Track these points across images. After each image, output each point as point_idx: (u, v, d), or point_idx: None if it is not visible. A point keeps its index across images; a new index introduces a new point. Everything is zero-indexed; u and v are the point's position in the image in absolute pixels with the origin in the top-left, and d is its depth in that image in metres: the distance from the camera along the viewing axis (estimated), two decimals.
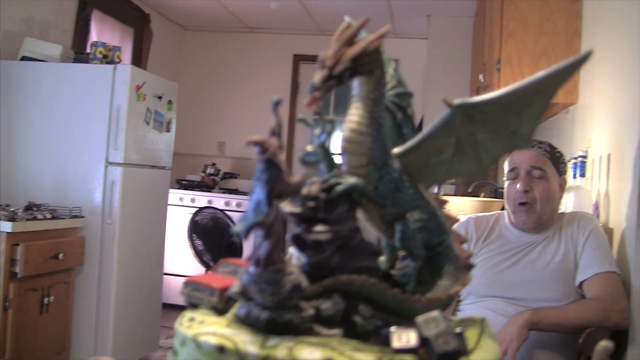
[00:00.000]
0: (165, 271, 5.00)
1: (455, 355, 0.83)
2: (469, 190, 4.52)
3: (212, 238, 5.34)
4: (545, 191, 2.37)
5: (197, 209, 5.65)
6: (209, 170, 6.18)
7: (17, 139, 4.28)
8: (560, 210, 2.53)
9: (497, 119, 0.94)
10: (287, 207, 0.93)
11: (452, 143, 0.96)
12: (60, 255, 3.98)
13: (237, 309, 0.91)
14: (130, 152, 4.24)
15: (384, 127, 0.98)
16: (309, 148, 1.04)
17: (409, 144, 0.98)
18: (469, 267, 1.02)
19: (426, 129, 0.95)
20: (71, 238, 4.15)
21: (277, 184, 0.82)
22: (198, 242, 5.39)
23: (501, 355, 1.81)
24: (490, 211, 3.19)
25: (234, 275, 1.00)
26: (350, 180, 0.96)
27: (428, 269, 1.02)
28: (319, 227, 0.93)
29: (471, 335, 0.94)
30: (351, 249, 0.95)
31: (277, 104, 0.87)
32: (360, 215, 1.00)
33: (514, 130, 0.95)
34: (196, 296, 0.96)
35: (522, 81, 0.89)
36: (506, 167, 2.47)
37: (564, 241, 2.36)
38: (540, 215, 2.38)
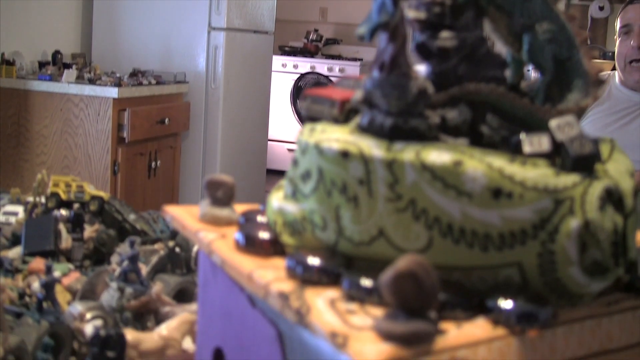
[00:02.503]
0: (270, 137, 5.06)
1: (591, 159, 0.79)
2: None
3: None
4: None
5: (299, 74, 5.64)
6: (312, 36, 6.14)
7: (121, 7, 4.31)
8: None
9: None
10: (411, 13, 0.89)
11: None
12: (166, 120, 4.07)
13: (359, 118, 0.89)
14: (233, 17, 4.22)
15: None
16: None
17: None
18: (600, 82, 0.97)
19: None
20: (176, 103, 4.22)
21: None
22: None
23: None
24: None
25: (355, 89, 0.97)
26: None
27: (557, 84, 0.97)
28: (445, 34, 0.88)
29: (602, 149, 0.89)
30: (478, 58, 0.90)
31: None
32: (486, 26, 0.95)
33: None
34: (316, 109, 0.95)
35: None
36: (618, 23, 2.33)
37: None
38: None
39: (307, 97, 0.96)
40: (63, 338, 1.22)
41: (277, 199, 0.90)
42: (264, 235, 0.87)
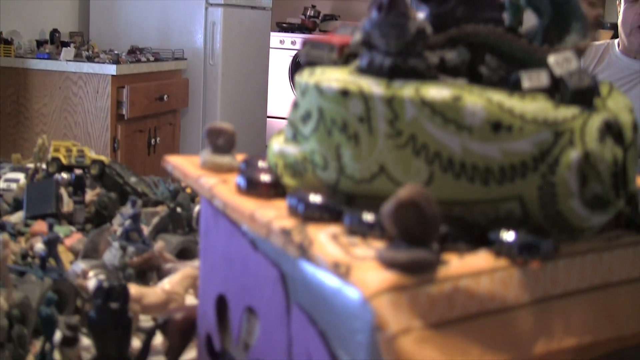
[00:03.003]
0: (268, 114, 5.06)
1: (590, 93, 0.79)
2: None
3: None
4: None
5: (297, 51, 5.64)
6: (309, 12, 6.12)
7: None
8: None
9: None
10: None
11: None
12: (165, 97, 4.07)
13: (359, 61, 0.89)
14: None
15: None
16: None
17: None
18: (598, 25, 0.96)
19: None
20: (175, 80, 4.22)
21: None
22: None
23: None
24: None
25: (354, 35, 0.97)
26: None
27: (554, 27, 0.97)
28: None
29: (602, 89, 0.89)
30: (476, 0, 0.90)
31: None
32: None
33: None
34: (315, 54, 0.95)
35: None
36: None
37: None
38: None
39: (306, 43, 0.96)
40: (66, 295, 1.22)
41: (278, 143, 0.90)
42: (265, 177, 0.88)
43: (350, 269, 0.68)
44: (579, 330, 0.77)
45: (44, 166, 1.81)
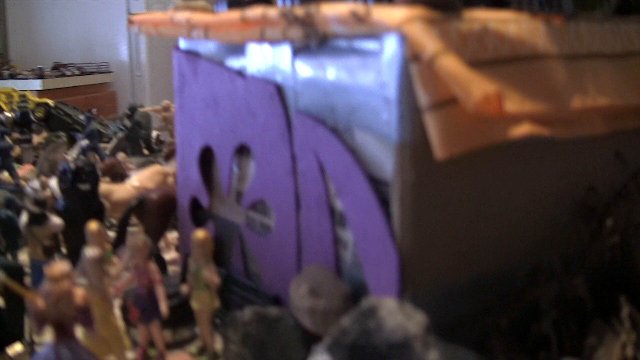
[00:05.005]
0: None
1: None
2: None
3: None
4: None
5: None
6: None
7: (34, 4, 4.17)
8: None
9: None
10: None
11: None
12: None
13: None
14: (152, 2, 4.13)
15: None
16: None
17: None
18: None
19: None
20: (102, 93, 4.10)
21: None
22: None
23: None
24: None
25: None
26: None
27: None
28: None
29: None
30: None
31: None
32: None
33: None
34: None
35: None
36: None
37: None
38: None
39: None
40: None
41: None
42: None
43: (370, 11, 0.61)
44: (609, 91, 0.71)
45: None
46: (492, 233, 0.69)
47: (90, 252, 0.68)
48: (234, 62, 0.84)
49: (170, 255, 1.08)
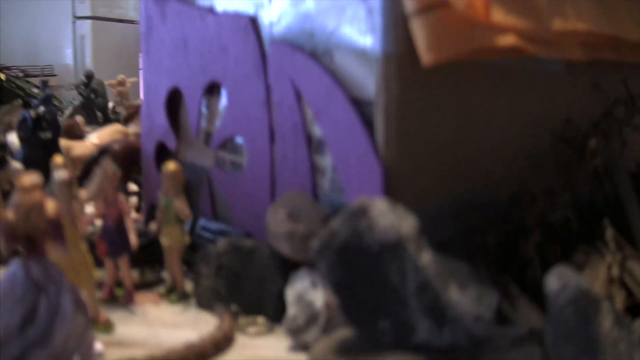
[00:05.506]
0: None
1: None
2: None
3: None
4: None
5: None
6: None
7: None
8: None
9: None
10: None
11: None
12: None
13: None
14: (98, 5, 4.07)
15: None
16: None
17: None
18: None
19: None
20: None
21: None
22: None
23: None
24: None
25: None
26: None
27: None
28: None
29: None
30: None
31: None
32: None
33: None
34: None
35: None
36: None
37: None
38: None
39: None
40: None
41: None
42: None
43: None
44: (588, 18, 0.71)
45: None
46: (474, 155, 0.68)
47: (61, 174, 0.65)
48: (205, 0, 0.81)
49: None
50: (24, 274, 0.57)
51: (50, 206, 0.57)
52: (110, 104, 1.44)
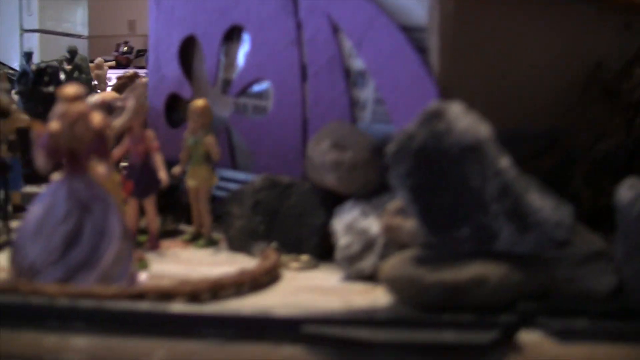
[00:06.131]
0: None
1: None
2: None
3: None
4: None
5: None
6: (122, 48, 5.90)
7: None
8: None
9: None
10: None
11: None
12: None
13: None
14: (45, 19, 3.98)
15: None
16: None
17: None
18: None
19: None
20: None
21: None
22: None
23: None
24: None
25: None
26: None
27: None
28: None
29: None
30: None
31: None
32: None
33: None
34: None
35: None
36: None
37: None
38: None
39: None
40: None
41: None
42: None
43: None
44: None
45: None
46: (519, 86, 0.66)
47: (95, 97, 0.61)
48: None
49: None
50: (66, 192, 0.52)
51: (97, 118, 0.53)
52: (93, 82, 1.39)
